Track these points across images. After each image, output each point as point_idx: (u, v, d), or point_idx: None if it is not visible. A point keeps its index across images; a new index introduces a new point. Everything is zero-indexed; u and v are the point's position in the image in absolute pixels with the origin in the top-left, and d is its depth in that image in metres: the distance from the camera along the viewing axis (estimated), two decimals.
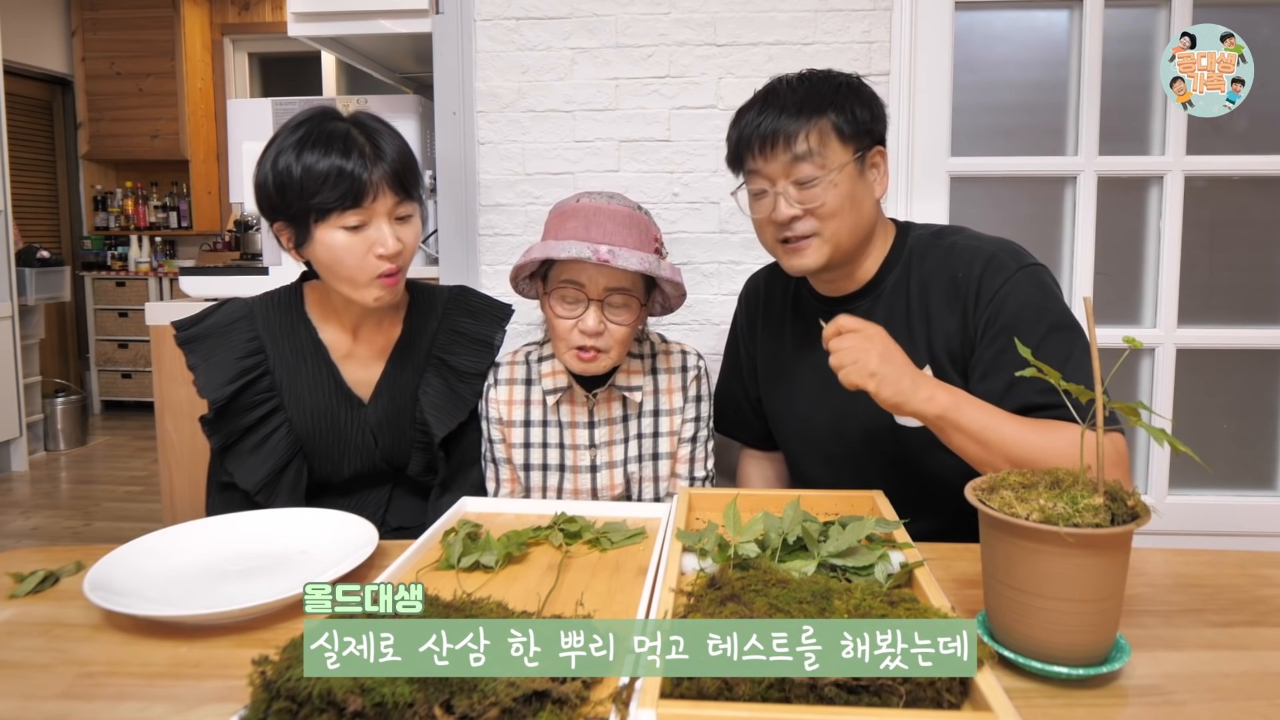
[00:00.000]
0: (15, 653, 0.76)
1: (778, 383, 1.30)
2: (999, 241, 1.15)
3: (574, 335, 1.18)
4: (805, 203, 1.10)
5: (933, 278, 1.15)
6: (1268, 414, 1.85)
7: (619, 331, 1.19)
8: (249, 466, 1.19)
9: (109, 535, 3.26)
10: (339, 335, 1.26)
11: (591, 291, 1.18)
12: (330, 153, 1.11)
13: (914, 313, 1.15)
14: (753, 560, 0.82)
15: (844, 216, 1.11)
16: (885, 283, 1.18)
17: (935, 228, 1.22)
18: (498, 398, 1.29)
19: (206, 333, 1.22)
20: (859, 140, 1.11)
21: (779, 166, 1.10)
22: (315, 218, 1.12)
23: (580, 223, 1.17)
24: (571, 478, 1.28)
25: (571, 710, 0.60)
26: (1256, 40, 1.32)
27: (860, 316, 1.14)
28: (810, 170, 1.09)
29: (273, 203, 1.15)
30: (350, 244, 1.13)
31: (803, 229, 1.12)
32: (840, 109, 1.10)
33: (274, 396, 1.22)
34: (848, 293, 1.21)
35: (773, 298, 1.33)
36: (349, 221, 1.12)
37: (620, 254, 1.12)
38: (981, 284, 1.09)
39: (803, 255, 1.14)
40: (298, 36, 2.09)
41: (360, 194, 1.11)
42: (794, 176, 1.10)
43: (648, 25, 1.77)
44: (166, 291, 5.29)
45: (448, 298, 1.34)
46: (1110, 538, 0.65)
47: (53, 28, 5.17)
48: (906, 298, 1.16)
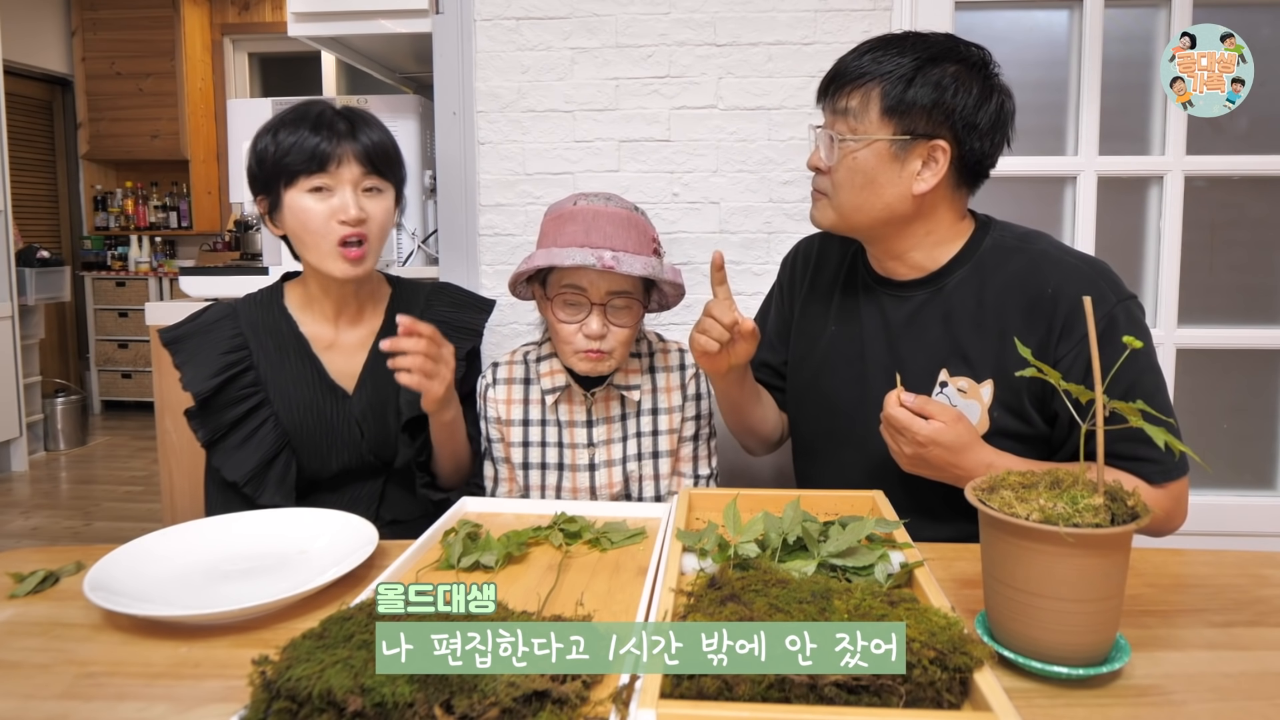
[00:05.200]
0: (15, 653, 0.76)
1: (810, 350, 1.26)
2: (1091, 261, 1.07)
3: (578, 339, 1.19)
4: (827, 159, 1.09)
5: (1017, 286, 1.06)
6: (1268, 414, 1.85)
7: (622, 333, 1.20)
8: (236, 459, 1.21)
9: (109, 535, 3.26)
10: (320, 327, 1.28)
11: (594, 296, 1.18)
12: (302, 126, 1.18)
13: (986, 320, 1.07)
14: (753, 560, 0.82)
15: (851, 192, 1.07)
16: (950, 278, 1.11)
17: (1020, 230, 1.14)
18: (496, 397, 1.30)
19: (191, 332, 1.25)
20: (905, 121, 1.03)
21: (826, 113, 1.10)
22: (285, 182, 1.18)
23: (580, 227, 1.16)
24: (570, 476, 1.28)
25: (571, 710, 0.60)
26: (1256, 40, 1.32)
27: (916, 308, 1.12)
28: (842, 128, 1.06)
29: (254, 176, 1.22)
30: (314, 208, 1.18)
31: (818, 185, 1.12)
32: (901, 80, 1.02)
33: (259, 391, 1.23)
34: (904, 279, 1.14)
35: (826, 262, 1.28)
36: (314, 183, 1.17)
37: (624, 259, 1.12)
38: (1076, 309, 1.00)
39: (815, 208, 1.13)
40: (298, 36, 2.09)
41: (325, 158, 1.16)
42: (831, 128, 1.08)
43: (648, 25, 1.77)
44: (166, 291, 5.29)
45: (430, 291, 1.37)
46: (1110, 538, 0.65)
47: (53, 28, 5.17)
48: (978, 301, 1.08)
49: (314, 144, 1.16)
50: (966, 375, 1.08)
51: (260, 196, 1.23)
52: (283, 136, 1.18)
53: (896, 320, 1.14)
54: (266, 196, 1.22)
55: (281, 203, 1.19)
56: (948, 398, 1.08)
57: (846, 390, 1.19)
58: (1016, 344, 0.82)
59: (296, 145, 1.16)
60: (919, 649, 0.60)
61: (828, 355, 1.22)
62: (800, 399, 1.28)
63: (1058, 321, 1.02)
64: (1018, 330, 1.04)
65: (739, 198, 1.80)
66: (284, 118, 1.20)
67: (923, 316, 1.12)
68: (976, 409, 1.07)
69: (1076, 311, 1.01)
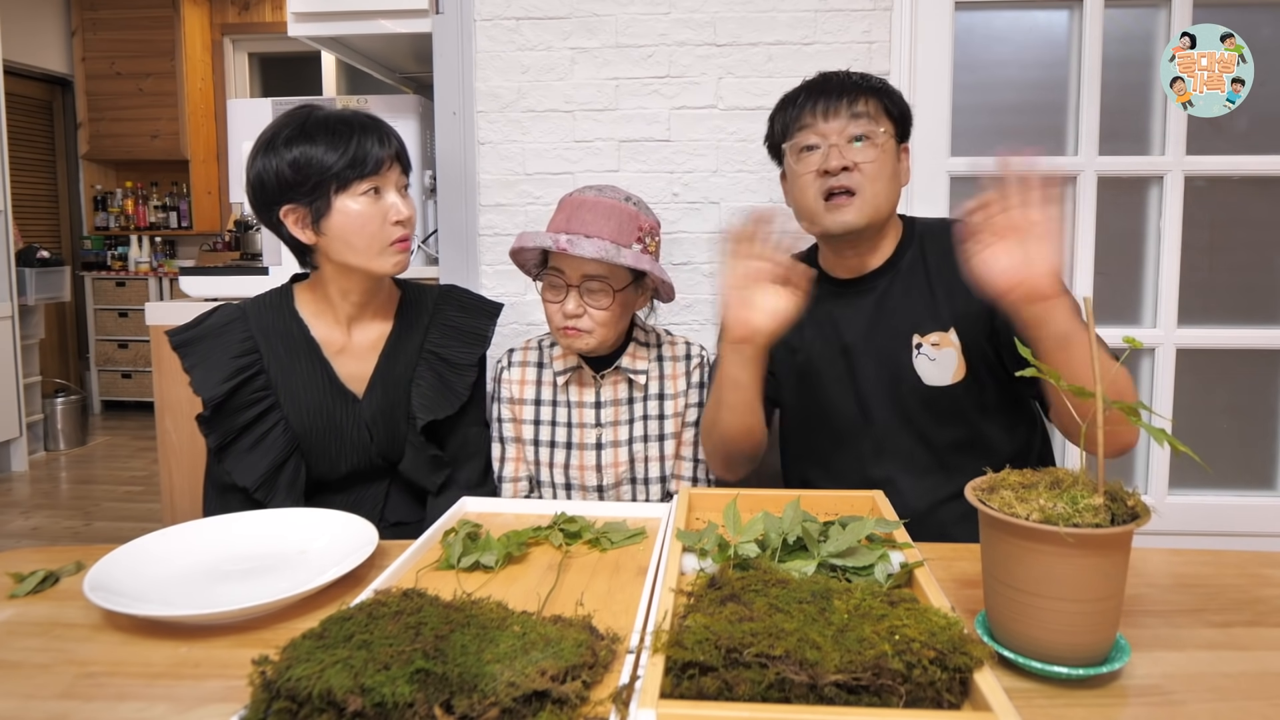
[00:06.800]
0: (15, 653, 0.76)
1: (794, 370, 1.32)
2: None
3: (558, 317, 1.29)
4: (856, 158, 1.18)
5: (950, 248, 1.20)
6: (1268, 414, 1.85)
7: (599, 314, 1.28)
8: (247, 464, 1.20)
9: (109, 535, 3.26)
10: (331, 331, 1.28)
11: (569, 278, 1.28)
12: (348, 133, 1.18)
13: (934, 281, 1.24)
14: (753, 560, 0.82)
15: (883, 182, 1.19)
16: (902, 261, 1.27)
17: (936, 218, 1.32)
18: (510, 378, 1.40)
19: (201, 335, 1.23)
20: (898, 125, 1.23)
21: (838, 124, 1.19)
22: (337, 187, 1.18)
23: (565, 215, 1.29)
24: (577, 454, 1.36)
25: (571, 710, 0.60)
26: (1256, 40, 1.32)
27: (881, 294, 1.25)
28: (866, 126, 1.19)
29: (283, 188, 1.18)
30: (369, 211, 1.20)
31: (849, 181, 1.19)
32: (888, 96, 1.22)
33: (269, 395, 1.23)
34: (865, 273, 1.28)
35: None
36: (368, 186, 1.19)
37: (577, 242, 1.22)
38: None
39: (844, 211, 1.20)
40: (298, 36, 2.09)
41: (380, 162, 1.20)
42: (850, 132, 1.19)
43: (648, 25, 1.77)
44: (166, 291, 5.29)
45: (438, 295, 1.38)
46: (1110, 538, 0.65)
47: (53, 28, 5.17)
48: (925, 272, 1.25)
49: (368, 149, 1.18)
50: (935, 330, 1.22)
51: (292, 207, 1.19)
52: (326, 143, 1.16)
53: (867, 310, 1.27)
54: (308, 204, 1.19)
55: (331, 208, 1.18)
56: (927, 356, 1.22)
57: (835, 387, 1.28)
58: (1017, 344, 0.82)
59: (350, 151, 1.17)
60: (919, 649, 0.60)
61: (809, 363, 1.30)
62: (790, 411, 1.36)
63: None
64: (960, 279, 1.11)
65: (739, 198, 1.81)
66: (307, 125, 1.18)
67: (888, 298, 1.26)
68: (953, 355, 1.21)
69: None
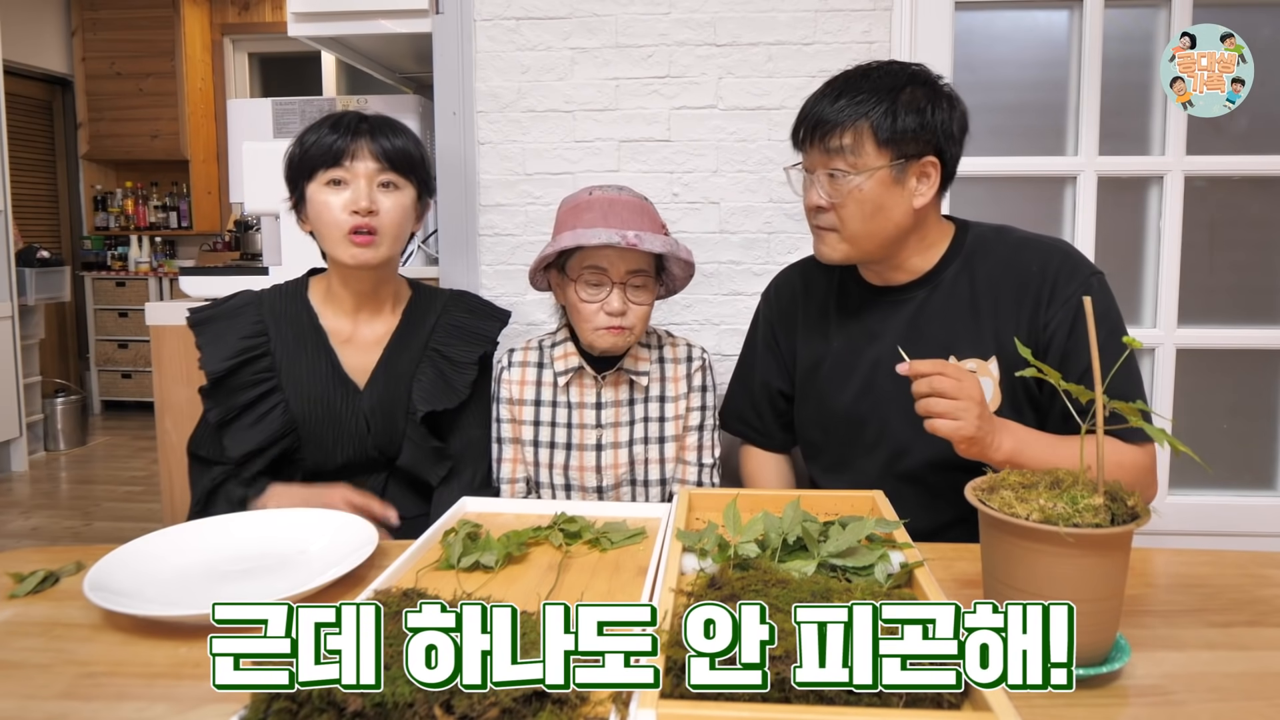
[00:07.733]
0: (15, 653, 0.77)
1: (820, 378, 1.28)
2: (1058, 241, 1.20)
3: (600, 317, 1.26)
4: (831, 196, 1.14)
5: (1003, 270, 1.17)
6: (1268, 414, 1.85)
7: (640, 310, 1.28)
8: (242, 438, 1.26)
9: (109, 535, 3.26)
10: (339, 321, 1.33)
11: (614, 275, 1.25)
12: (324, 127, 1.27)
13: (981, 303, 1.17)
14: (753, 560, 0.82)
15: (862, 222, 1.13)
16: (945, 274, 1.20)
17: (991, 225, 1.24)
18: (510, 378, 1.38)
19: (216, 316, 1.31)
20: (900, 147, 1.10)
21: (817, 156, 1.15)
22: (306, 177, 1.26)
23: (598, 214, 1.24)
24: (577, 455, 1.34)
25: (571, 710, 0.60)
26: (1256, 40, 1.32)
27: (919, 305, 1.19)
28: (841, 165, 1.12)
29: (285, 179, 1.31)
30: (329, 200, 1.25)
31: (825, 221, 1.16)
32: (887, 113, 1.09)
33: (273, 377, 1.28)
34: (901, 283, 1.22)
35: (814, 289, 1.32)
36: (330, 177, 1.25)
37: (646, 238, 1.20)
38: (1058, 281, 1.13)
39: (825, 244, 1.18)
40: (298, 36, 2.09)
41: (340, 153, 1.24)
42: (828, 167, 1.13)
43: (648, 25, 1.77)
44: (166, 292, 5.28)
45: (448, 297, 1.42)
46: (1110, 538, 0.65)
47: (53, 28, 5.16)
48: (971, 288, 1.18)
49: (331, 141, 1.25)
50: (973, 357, 1.16)
51: (291, 195, 1.32)
52: (308, 138, 1.27)
53: (900, 321, 1.21)
54: (294, 194, 1.31)
55: (305, 198, 1.28)
56: None
57: (858, 398, 1.23)
58: (1016, 344, 0.82)
59: (316, 143, 1.25)
60: None
61: (834, 370, 1.26)
62: (809, 420, 1.32)
63: (1045, 292, 1.13)
64: (1010, 307, 1.15)
65: (739, 198, 1.81)
66: (313, 124, 1.30)
67: (925, 312, 1.19)
68: (990, 385, 1.15)
69: (1058, 281, 1.13)
